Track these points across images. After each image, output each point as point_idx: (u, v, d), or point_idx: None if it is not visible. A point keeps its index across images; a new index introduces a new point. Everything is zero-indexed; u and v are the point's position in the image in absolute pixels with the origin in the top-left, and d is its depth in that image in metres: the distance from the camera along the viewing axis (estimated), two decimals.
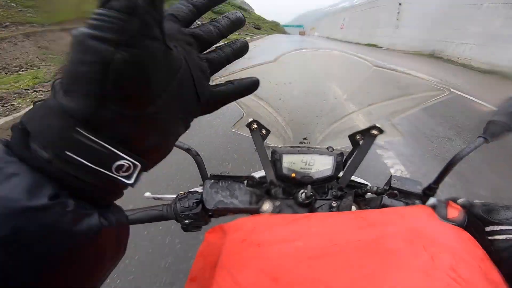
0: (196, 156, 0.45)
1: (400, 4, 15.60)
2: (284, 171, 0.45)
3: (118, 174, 0.17)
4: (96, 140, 0.15)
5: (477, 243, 0.32)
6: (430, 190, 0.40)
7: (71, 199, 0.15)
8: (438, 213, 0.35)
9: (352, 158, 0.45)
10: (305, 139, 0.48)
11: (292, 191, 0.45)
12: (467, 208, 0.36)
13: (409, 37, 14.47)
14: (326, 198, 0.45)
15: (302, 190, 0.42)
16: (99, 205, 0.17)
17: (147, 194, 0.46)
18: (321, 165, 0.45)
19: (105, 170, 0.16)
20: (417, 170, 2.18)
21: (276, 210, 0.42)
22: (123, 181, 0.17)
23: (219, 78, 0.37)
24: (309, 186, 0.41)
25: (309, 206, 0.42)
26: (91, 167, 0.16)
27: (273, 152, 0.47)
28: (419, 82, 0.39)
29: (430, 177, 0.41)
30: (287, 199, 0.44)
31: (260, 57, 4.58)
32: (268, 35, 51.66)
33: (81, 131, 0.15)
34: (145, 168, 0.18)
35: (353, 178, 0.46)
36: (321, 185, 0.46)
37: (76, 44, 0.15)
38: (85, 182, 0.16)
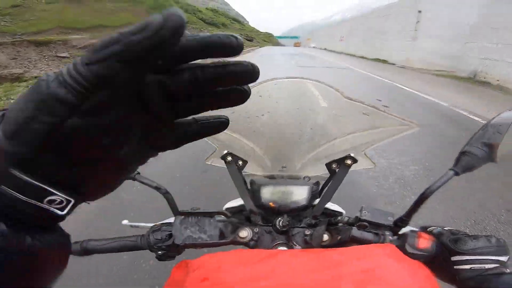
0: (165, 194, 0.45)
1: (420, 11, 12.58)
2: (263, 201, 0.47)
3: (50, 206, 0.17)
4: (29, 180, 0.16)
5: (435, 280, 0.33)
6: (401, 222, 0.41)
7: (5, 223, 0.16)
8: (410, 244, 0.37)
9: (327, 186, 0.46)
10: (284, 167, 0.49)
11: (270, 219, 0.46)
12: (437, 237, 0.37)
13: (430, 50, 11.43)
14: (302, 226, 0.46)
15: (279, 219, 0.44)
16: (35, 229, 0.18)
17: (125, 221, 0.48)
18: (297, 195, 0.46)
19: (37, 202, 0.17)
20: None
21: (256, 237, 0.44)
22: (56, 213, 0.18)
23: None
24: (285, 216, 0.44)
25: (286, 234, 0.44)
26: (24, 200, 0.16)
27: (252, 182, 0.48)
28: (387, 116, 0.40)
29: None
30: (266, 226, 0.46)
31: None
32: (260, 47, 49.04)
33: (16, 171, 0.15)
34: (84, 200, 0.19)
35: (329, 205, 0.48)
36: (297, 214, 0.47)
37: (35, 92, 0.14)
38: (19, 211, 0.17)
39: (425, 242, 0.37)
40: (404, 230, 0.41)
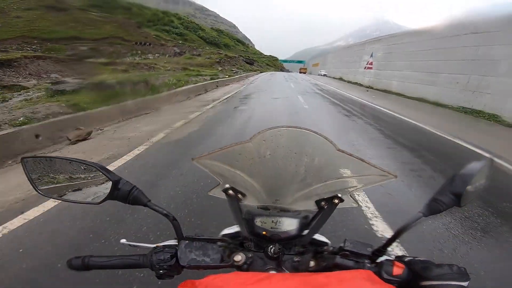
0: (173, 221, 0.49)
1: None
2: (256, 229, 0.51)
3: None
4: None
5: None
6: (379, 252, 0.46)
7: None
8: (385, 271, 0.43)
9: (316, 220, 0.51)
10: (277, 200, 0.54)
11: (263, 245, 0.50)
12: (409, 265, 0.43)
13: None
14: (292, 253, 0.51)
15: (271, 246, 0.49)
16: None
17: (123, 240, 0.50)
18: (288, 226, 0.51)
19: None
20: None
21: (249, 261, 0.49)
22: None
23: (199, 158, 0.47)
24: (276, 244, 0.49)
25: (277, 259, 0.49)
26: None
27: (247, 212, 0.53)
28: (371, 167, 0.47)
29: None
30: (258, 252, 0.50)
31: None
32: (261, 73, 41.87)
33: None
34: None
35: (316, 236, 0.53)
36: (288, 242, 0.51)
37: None
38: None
39: (398, 270, 0.43)
40: (381, 259, 0.46)
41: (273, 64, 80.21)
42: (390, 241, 0.46)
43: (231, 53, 45.71)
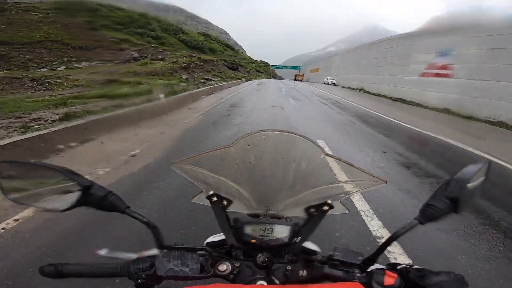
0: (153, 229, 0.47)
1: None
2: (245, 237, 0.49)
3: None
4: None
5: None
6: (369, 261, 0.44)
7: None
8: (376, 281, 0.40)
9: (306, 227, 0.50)
10: (267, 207, 0.52)
11: (252, 254, 0.48)
12: (404, 274, 0.40)
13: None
14: (282, 262, 0.49)
15: (260, 254, 0.47)
16: None
17: (101, 252, 0.47)
18: (278, 234, 0.49)
19: None
20: None
21: (236, 270, 0.46)
22: None
23: (178, 162, 0.46)
24: (264, 252, 0.47)
25: (266, 268, 0.47)
26: None
27: (235, 219, 0.51)
28: (359, 172, 0.46)
29: None
30: (247, 261, 0.48)
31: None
32: (247, 81, 31.83)
33: None
34: None
35: (307, 244, 0.51)
36: (278, 250, 0.49)
37: None
38: None
39: (390, 280, 0.40)
40: (372, 267, 0.44)
41: (264, 70, 70.54)
42: (381, 249, 0.44)
43: (209, 56, 35.18)
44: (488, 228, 2.28)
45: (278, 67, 77.12)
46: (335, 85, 29.85)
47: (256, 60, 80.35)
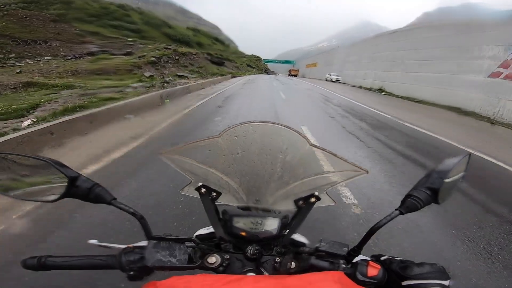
0: (141, 219, 0.46)
1: None
2: (234, 230, 0.49)
3: None
4: None
5: None
6: (354, 252, 0.45)
7: None
8: (360, 272, 0.41)
9: (294, 220, 0.51)
10: (257, 200, 0.52)
11: (241, 246, 0.49)
12: (387, 265, 0.41)
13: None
14: (272, 254, 0.50)
15: (250, 247, 0.47)
16: None
17: (92, 241, 0.47)
18: (267, 226, 0.50)
19: None
20: None
21: (225, 263, 0.46)
22: None
23: (166, 152, 0.47)
24: (254, 245, 0.47)
25: (255, 261, 0.47)
26: None
27: (224, 212, 0.51)
28: (342, 162, 0.47)
29: None
30: (237, 253, 0.49)
31: None
32: (233, 77, 24.75)
33: None
34: None
35: (295, 236, 0.52)
36: (267, 243, 0.50)
37: None
38: None
39: (373, 271, 0.41)
40: (357, 259, 0.44)
41: (256, 65, 65.08)
42: (365, 240, 0.45)
43: (188, 49, 29.47)
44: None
45: (270, 61, 71.45)
46: (339, 82, 24.70)
47: (247, 54, 74.81)
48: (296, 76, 51.02)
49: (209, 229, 0.53)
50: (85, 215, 1.97)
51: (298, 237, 0.54)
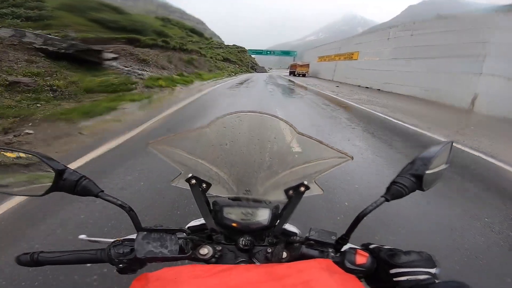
0: (129, 211, 0.45)
1: None
2: (225, 221, 0.49)
3: None
4: None
5: None
6: (342, 241, 0.45)
7: None
8: (348, 260, 0.41)
9: (285, 210, 0.50)
10: (247, 190, 0.52)
11: (233, 237, 0.49)
12: (376, 253, 0.42)
13: None
14: (263, 244, 0.50)
15: (242, 238, 0.47)
16: None
17: (82, 236, 0.48)
18: (258, 217, 0.49)
19: None
20: None
21: (218, 254, 0.46)
22: None
23: (154, 142, 0.46)
24: (246, 235, 0.47)
25: (248, 252, 0.47)
26: None
27: (214, 203, 0.51)
28: (328, 149, 0.47)
29: None
30: (229, 245, 0.49)
31: None
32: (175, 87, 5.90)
33: None
34: None
35: (287, 226, 0.52)
36: (259, 233, 0.50)
37: None
38: None
39: (362, 259, 0.41)
40: (345, 247, 0.45)
41: (239, 58, 44.40)
42: (352, 227, 0.45)
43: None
44: None
45: (259, 52, 50.00)
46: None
47: (229, 45, 53.14)
48: (304, 75, 30.97)
49: (201, 221, 0.52)
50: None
51: (289, 226, 0.53)
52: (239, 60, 43.39)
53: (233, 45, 54.79)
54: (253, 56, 53.03)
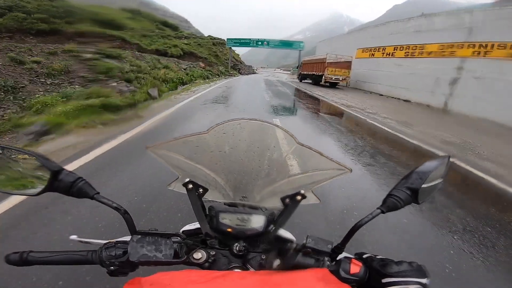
0: (124, 214, 0.46)
1: None
2: (220, 226, 0.49)
3: None
4: None
5: None
6: (338, 249, 0.45)
7: None
8: (343, 269, 0.41)
9: (281, 217, 0.50)
10: (244, 197, 0.52)
11: (228, 243, 0.49)
12: (369, 263, 0.42)
13: None
14: (258, 251, 0.50)
15: (237, 243, 0.47)
16: None
17: (73, 237, 0.47)
18: (254, 223, 0.49)
19: None
20: None
21: (211, 259, 0.46)
22: None
23: (153, 146, 0.46)
24: (241, 241, 0.47)
25: (242, 257, 0.48)
26: None
27: (210, 208, 0.51)
28: (328, 161, 0.47)
29: None
30: (223, 250, 0.49)
31: None
32: None
33: None
34: None
35: (282, 233, 0.52)
36: (254, 239, 0.50)
37: None
38: None
39: (355, 268, 0.42)
40: (341, 256, 0.45)
41: (214, 53, 28.47)
42: (348, 237, 0.46)
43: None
44: None
45: (245, 43, 32.82)
46: None
47: (203, 38, 36.96)
48: (335, 84, 15.72)
49: (196, 225, 0.52)
50: None
51: (284, 233, 0.52)
52: (212, 56, 27.54)
53: (209, 36, 38.83)
54: (235, 49, 37.23)
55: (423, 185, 0.46)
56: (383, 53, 14.37)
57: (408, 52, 12.53)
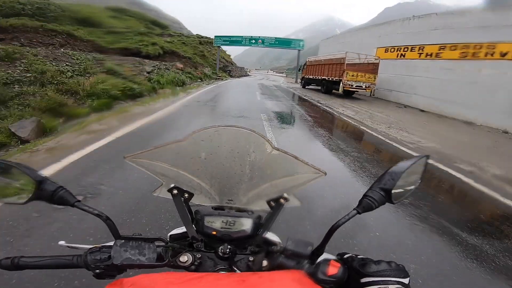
0: (106, 221, 0.47)
1: None
2: (206, 229, 0.50)
3: None
4: None
5: None
6: (317, 251, 0.46)
7: None
8: (321, 271, 0.41)
9: (267, 220, 0.51)
10: (230, 200, 0.53)
11: (214, 246, 0.50)
12: (349, 263, 0.43)
13: None
14: (246, 253, 0.50)
15: (222, 246, 0.48)
16: None
17: (61, 242, 0.49)
18: (241, 226, 0.50)
19: None
20: None
21: (197, 261, 0.47)
22: None
23: (131, 156, 0.47)
24: (226, 244, 0.48)
25: (228, 260, 0.48)
26: None
27: (196, 212, 0.52)
28: (304, 165, 0.49)
29: None
30: (208, 252, 0.49)
31: None
32: None
33: None
34: None
35: (269, 235, 0.53)
36: (242, 242, 0.51)
37: None
38: None
39: (333, 269, 0.41)
40: (321, 257, 0.46)
41: (200, 53, 24.34)
42: (326, 238, 0.46)
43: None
44: None
45: (236, 41, 28.72)
46: None
47: (188, 36, 33.10)
48: (352, 93, 11.85)
49: (183, 229, 0.53)
50: None
51: (271, 236, 0.53)
52: (198, 56, 23.49)
53: (196, 34, 34.77)
54: (227, 50, 33.31)
55: (397, 185, 0.46)
56: (421, 53, 10.65)
57: (466, 52, 8.82)
